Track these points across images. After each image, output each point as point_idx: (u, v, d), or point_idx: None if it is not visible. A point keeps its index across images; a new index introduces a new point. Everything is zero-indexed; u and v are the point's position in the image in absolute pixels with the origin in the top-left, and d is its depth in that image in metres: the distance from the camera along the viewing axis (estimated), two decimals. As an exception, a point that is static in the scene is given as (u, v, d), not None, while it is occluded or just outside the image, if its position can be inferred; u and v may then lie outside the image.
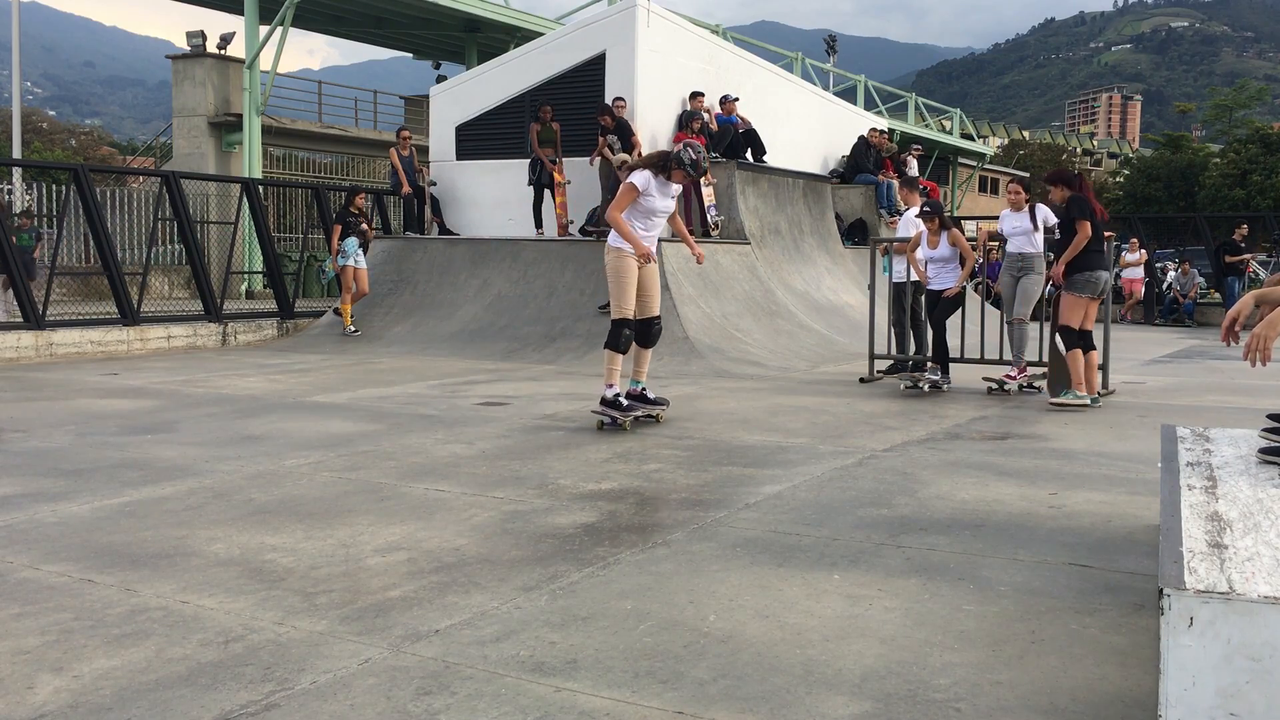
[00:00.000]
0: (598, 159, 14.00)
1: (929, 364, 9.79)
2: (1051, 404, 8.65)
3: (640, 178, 7.27)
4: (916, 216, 10.12)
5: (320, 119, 29.47)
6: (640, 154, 14.05)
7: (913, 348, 10.52)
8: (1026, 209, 9.42)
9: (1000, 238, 9.73)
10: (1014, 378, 9.41)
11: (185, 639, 3.33)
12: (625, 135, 14.01)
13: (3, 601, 3.69)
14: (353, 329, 13.76)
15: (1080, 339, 8.66)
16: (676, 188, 7.49)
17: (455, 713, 2.80)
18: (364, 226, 14.18)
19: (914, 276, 10.27)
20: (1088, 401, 8.58)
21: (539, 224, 14.75)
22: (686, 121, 14.84)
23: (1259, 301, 3.48)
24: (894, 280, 10.66)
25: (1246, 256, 20.75)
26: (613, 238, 7.34)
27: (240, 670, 3.08)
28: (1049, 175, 9.25)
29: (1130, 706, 2.84)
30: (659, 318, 7.62)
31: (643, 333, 7.53)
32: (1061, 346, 8.75)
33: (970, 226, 23.14)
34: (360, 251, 14.04)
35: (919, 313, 10.43)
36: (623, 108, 14.19)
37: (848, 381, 10.25)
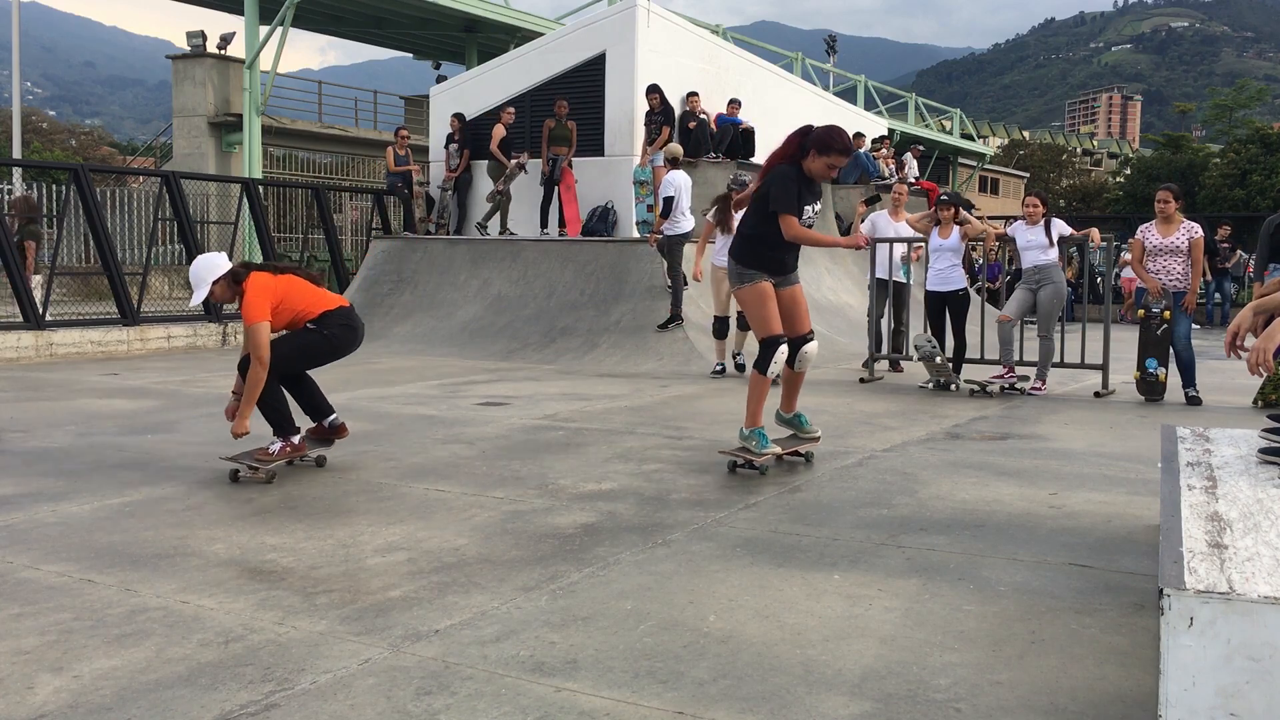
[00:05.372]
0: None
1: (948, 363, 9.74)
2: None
3: None
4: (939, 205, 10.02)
5: (320, 119, 29.49)
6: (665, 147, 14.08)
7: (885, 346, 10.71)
8: (1042, 224, 9.29)
9: (1009, 239, 9.71)
10: (1002, 377, 9.41)
11: (185, 639, 3.32)
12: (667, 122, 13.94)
13: (3, 601, 3.69)
14: None
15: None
16: None
17: (455, 713, 2.80)
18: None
19: (898, 275, 10.56)
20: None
21: (545, 224, 14.66)
22: (682, 121, 14.81)
23: (1256, 311, 3.48)
24: (877, 276, 10.62)
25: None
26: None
27: (240, 670, 3.08)
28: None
29: (1130, 706, 2.84)
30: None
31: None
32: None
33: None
34: None
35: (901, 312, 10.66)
36: (655, 99, 14.06)
37: (848, 381, 10.24)
